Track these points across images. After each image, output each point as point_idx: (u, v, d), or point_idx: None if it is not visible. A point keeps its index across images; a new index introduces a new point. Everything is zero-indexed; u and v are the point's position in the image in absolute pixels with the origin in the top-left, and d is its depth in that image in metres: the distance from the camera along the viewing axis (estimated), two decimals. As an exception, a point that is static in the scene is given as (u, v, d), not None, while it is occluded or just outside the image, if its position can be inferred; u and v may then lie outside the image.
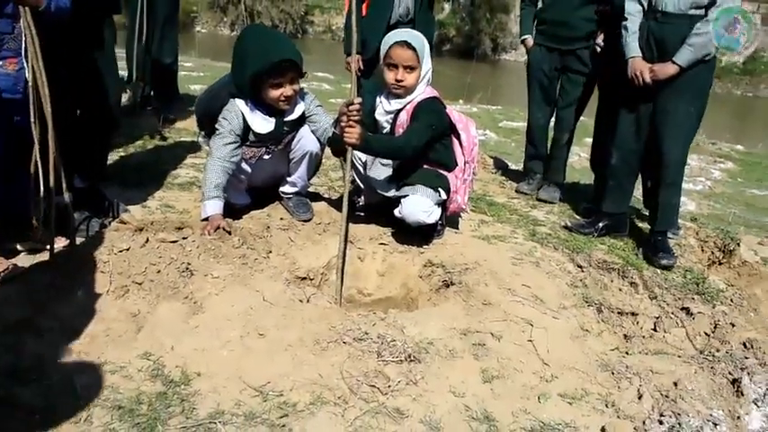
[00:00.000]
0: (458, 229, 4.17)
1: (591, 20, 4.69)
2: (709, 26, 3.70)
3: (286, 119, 3.78)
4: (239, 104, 3.68)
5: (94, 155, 3.62)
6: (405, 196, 3.75)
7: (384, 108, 3.85)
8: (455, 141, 4.00)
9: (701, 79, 3.88)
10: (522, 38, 5.11)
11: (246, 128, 3.71)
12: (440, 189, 3.82)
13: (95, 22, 3.34)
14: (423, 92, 3.80)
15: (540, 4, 4.94)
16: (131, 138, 5.19)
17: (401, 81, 3.71)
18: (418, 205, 3.71)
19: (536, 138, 5.23)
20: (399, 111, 3.80)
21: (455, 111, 4.09)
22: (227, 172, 3.66)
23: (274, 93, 3.63)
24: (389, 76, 3.73)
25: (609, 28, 4.52)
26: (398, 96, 3.79)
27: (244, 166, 3.80)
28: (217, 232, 3.46)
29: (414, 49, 3.65)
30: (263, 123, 3.72)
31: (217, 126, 3.69)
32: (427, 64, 3.77)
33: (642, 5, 3.95)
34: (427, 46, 3.76)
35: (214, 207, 3.58)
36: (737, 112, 19.26)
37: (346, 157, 3.51)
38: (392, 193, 3.84)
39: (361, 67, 4.90)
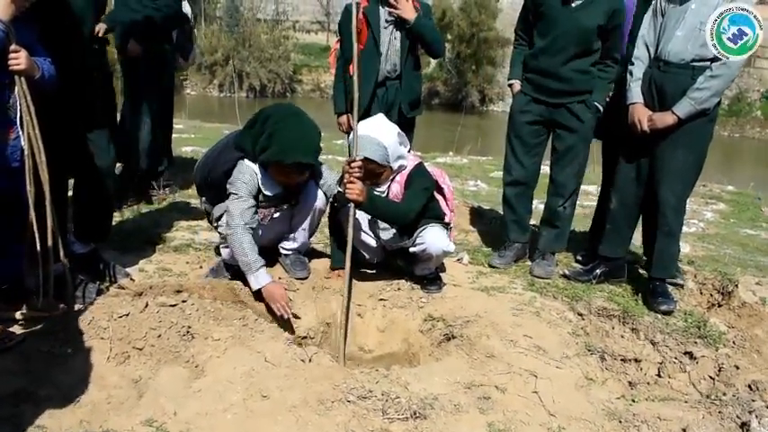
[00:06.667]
0: (456, 281, 4.16)
1: (585, 72, 4.24)
2: (713, 81, 3.68)
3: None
4: (251, 166, 3.67)
5: (94, 220, 3.63)
6: (420, 233, 3.77)
7: (375, 189, 3.85)
8: (438, 196, 4.04)
9: (699, 131, 3.85)
10: (510, 82, 4.61)
11: (258, 189, 3.71)
12: (445, 226, 3.91)
13: (85, 91, 3.39)
14: (408, 161, 3.85)
15: (532, 47, 4.42)
16: (125, 202, 5.19)
17: (371, 183, 3.75)
18: (438, 235, 3.75)
19: (511, 197, 4.60)
20: (390, 185, 3.85)
21: (428, 165, 4.11)
22: (253, 236, 3.62)
23: (280, 178, 3.68)
24: None
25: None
26: None
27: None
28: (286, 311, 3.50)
29: (373, 161, 3.65)
30: (272, 186, 3.73)
31: (234, 190, 3.63)
32: (398, 160, 3.79)
33: (649, 52, 3.93)
34: (392, 142, 3.72)
35: (266, 276, 3.56)
36: (726, 153, 19.45)
37: (349, 214, 3.52)
38: (405, 240, 3.85)
39: (352, 127, 4.90)
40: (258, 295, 3.59)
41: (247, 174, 3.65)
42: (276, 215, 3.88)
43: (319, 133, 3.75)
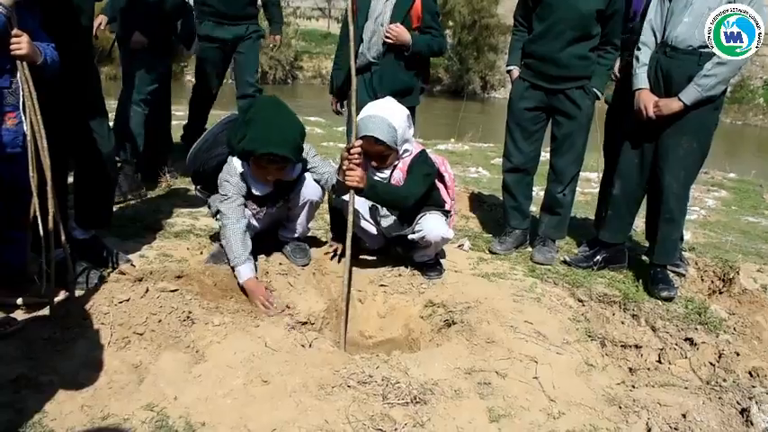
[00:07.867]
0: (457, 267, 4.16)
1: (584, 57, 4.20)
2: (721, 68, 3.64)
3: (284, 179, 3.76)
4: (237, 166, 3.65)
5: (95, 207, 3.63)
6: (419, 221, 3.77)
7: (378, 174, 3.86)
8: (439, 184, 4.03)
9: (705, 118, 3.83)
10: (508, 68, 4.62)
11: (248, 189, 3.70)
12: (445, 214, 3.90)
13: (86, 79, 3.38)
14: (412, 147, 3.84)
15: (531, 32, 4.37)
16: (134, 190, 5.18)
17: (376, 165, 3.76)
18: (436, 222, 3.75)
19: (511, 184, 4.59)
20: (392, 171, 3.84)
21: (430, 152, 4.10)
22: (246, 231, 3.62)
23: (257, 171, 3.63)
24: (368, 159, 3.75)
25: (629, 57, 4.14)
26: None
27: (252, 221, 3.80)
28: (268, 305, 3.45)
29: (383, 142, 3.64)
30: (260, 187, 3.71)
31: (223, 191, 3.65)
32: (405, 143, 3.78)
33: (656, 37, 3.90)
34: (402, 125, 3.71)
35: (248, 271, 3.53)
36: (728, 141, 19.39)
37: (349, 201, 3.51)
38: (405, 227, 3.85)
39: (339, 109, 5.10)
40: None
41: (235, 176, 3.64)
42: (272, 210, 3.89)
43: (301, 129, 3.65)
